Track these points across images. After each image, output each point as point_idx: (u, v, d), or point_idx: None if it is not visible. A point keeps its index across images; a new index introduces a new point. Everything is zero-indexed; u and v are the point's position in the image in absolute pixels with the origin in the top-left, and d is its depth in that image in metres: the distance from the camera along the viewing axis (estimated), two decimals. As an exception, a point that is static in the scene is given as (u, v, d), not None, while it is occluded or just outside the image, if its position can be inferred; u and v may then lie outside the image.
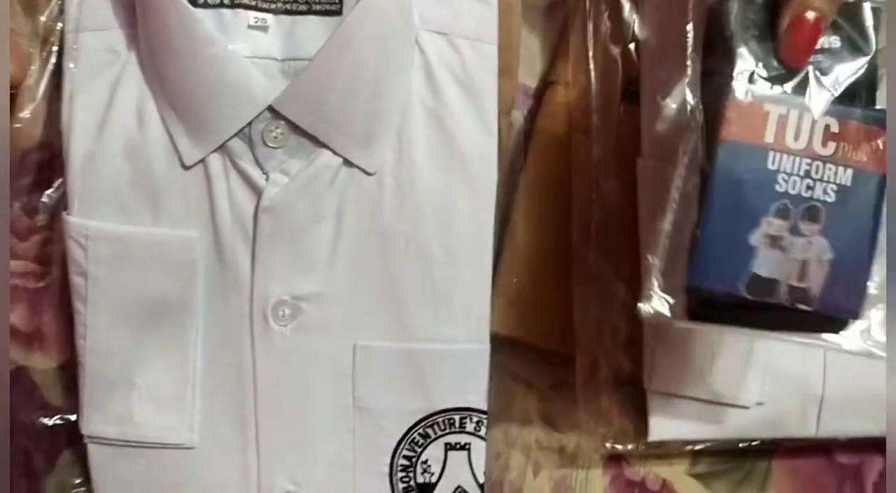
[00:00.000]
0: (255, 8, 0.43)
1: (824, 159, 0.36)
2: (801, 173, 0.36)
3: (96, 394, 0.44)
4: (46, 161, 0.43)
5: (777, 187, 0.36)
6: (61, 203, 0.43)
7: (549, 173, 0.47)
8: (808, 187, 0.36)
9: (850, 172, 0.36)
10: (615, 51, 0.46)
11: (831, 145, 0.36)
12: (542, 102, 0.48)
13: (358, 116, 0.42)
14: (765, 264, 0.36)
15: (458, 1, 0.44)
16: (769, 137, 0.36)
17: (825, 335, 0.38)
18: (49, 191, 0.44)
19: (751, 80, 0.36)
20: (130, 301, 0.43)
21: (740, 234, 0.36)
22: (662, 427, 0.47)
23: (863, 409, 0.47)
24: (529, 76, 0.49)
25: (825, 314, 0.36)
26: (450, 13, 0.44)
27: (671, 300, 0.37)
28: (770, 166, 0.36)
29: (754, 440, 0.48)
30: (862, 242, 0.36)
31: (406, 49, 0.43)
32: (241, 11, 0.43)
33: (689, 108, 0.37)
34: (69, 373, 0.46)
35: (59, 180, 0.43)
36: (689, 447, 0.48)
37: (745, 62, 0.36)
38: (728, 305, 0.36)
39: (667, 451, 0.49)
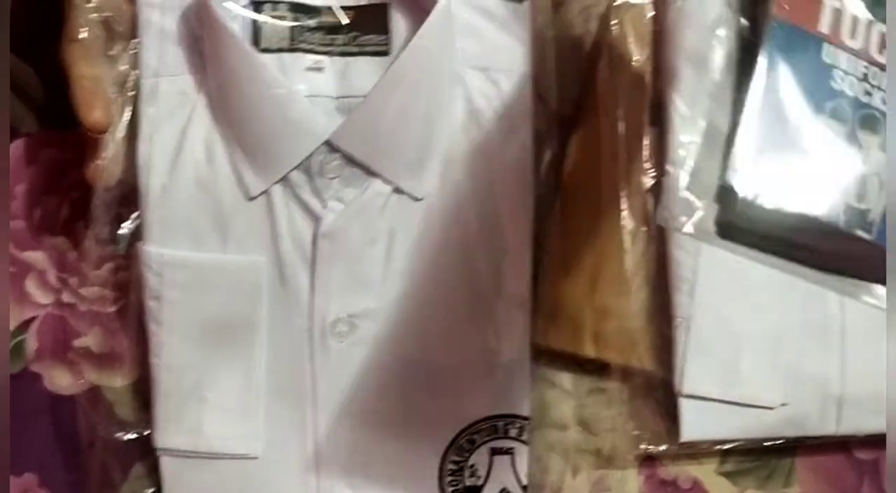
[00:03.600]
0: (313, 51, 0.46)
1: (881, 66, 0.30)
2: (860, 75, 0.30)
3: (170, 409, 0.47)
4: (123, 197, 0.46)
5: (833, 84, 0.30)
6: (136, 235, 0.46)
7: (582, 193, 0.50)
8: (867, 92, 0.30)
9: None
10: (639, 77, 0.50)
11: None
12: (575, 127, 0.51)
13: (407, 147, 0.46)
14: (818, 172, 0.29)
15: (495, 38, 0.47)
16: (824, 27, 0.30)
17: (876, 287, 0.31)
18: (126, 223, 0.46)
19: None
20: (201, 322, 0.46)
21: (788, 132, 0.29)
22: (693, 429, 0.49)
23: (879, 407, 0.49)
24: (563, 103, 0.51)
25: (881, 251, 0.29)
26: (488, 50, 0.47)
27: (699, 207, 0.31)
28: (825, 59, 0.30)
29: (779, 439, 0.50)
30: None
31: (450, 85, 0.46)
32: (299, 55, 0.46)
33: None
34: (140, 390, 0.49)
35: (135, 214, 0.46)
36: (717, 447, 0.50)
37: None
38: (764, 232, 0.30)
39: (697, 451, 0.51)
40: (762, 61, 0.30)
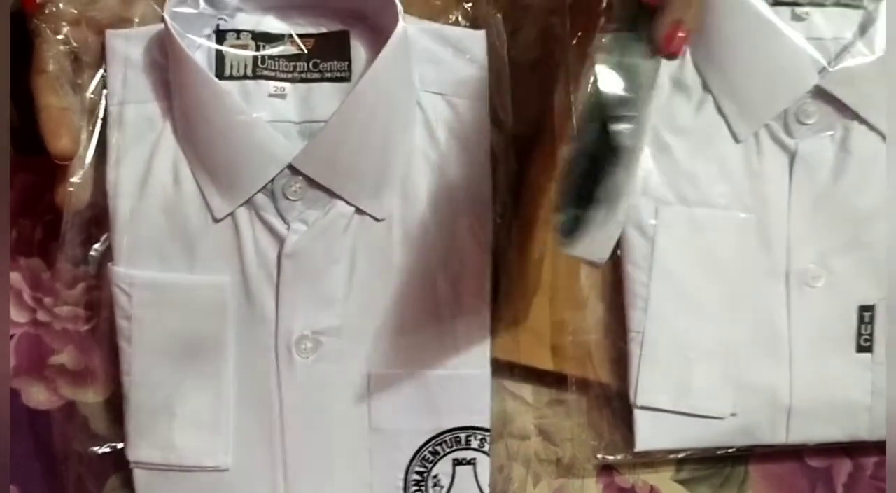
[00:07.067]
0: (275, 78, 0.48)
1: None
2: None
3: (141, 423, 0.48)
4: (94, 219, 0.47)
5: None
6: (106, 256, 0.48)
7: (539, 212, 0.51)
8: None
9: None
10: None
11: None
12: (533, 148, 0.52)
13: (368, 170, 0.47)
14: None
15: (453, 64, 0.49)
16: None
17: None
18: (96, 245, 0.48)
19: None
20: (170, 340, 0.47)
21: None
22: (647, 438, 0.51)
23: (828, 417, 0.51)
24: (521, 124, 0.52)
25: None
26: (446, 75, 0.49)
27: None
28: None
29: (730, 448, 0.51)
30: None
31: (409, 109, 0.48)
32: (262, 82, 0.48)
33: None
34: (114, 405, 0.50)
35: (105, 236, 0.47)
36: (672, 456, 0.52)
37: None
38: None
39: (653, 459, 0.53)
40: None
